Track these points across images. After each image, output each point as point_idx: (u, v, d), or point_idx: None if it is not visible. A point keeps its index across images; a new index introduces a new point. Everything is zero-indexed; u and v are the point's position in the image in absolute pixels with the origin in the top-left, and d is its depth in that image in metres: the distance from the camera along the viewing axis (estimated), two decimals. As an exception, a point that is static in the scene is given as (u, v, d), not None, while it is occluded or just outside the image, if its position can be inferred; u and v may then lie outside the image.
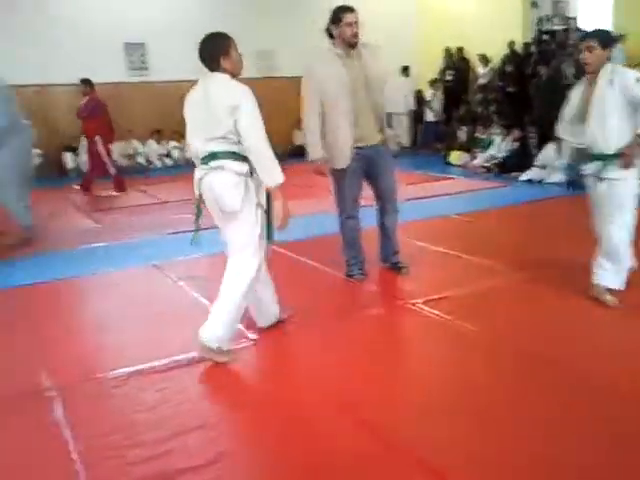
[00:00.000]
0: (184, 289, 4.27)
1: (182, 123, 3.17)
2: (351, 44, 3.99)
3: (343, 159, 4.06)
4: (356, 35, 3.94)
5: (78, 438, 2.46)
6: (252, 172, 3.04)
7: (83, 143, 9.62)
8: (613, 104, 3.36)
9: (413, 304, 3.81)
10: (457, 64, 12.19)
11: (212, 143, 3.01)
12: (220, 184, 3.00)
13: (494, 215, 6.47)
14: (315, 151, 4.07)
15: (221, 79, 3.06)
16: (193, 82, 3.21)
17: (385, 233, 4.39)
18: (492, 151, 9.54)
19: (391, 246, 4.42)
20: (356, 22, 3.95)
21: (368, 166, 4.14)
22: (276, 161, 3.04)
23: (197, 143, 3.07)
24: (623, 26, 9.34)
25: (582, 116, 3.53)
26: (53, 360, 3.21)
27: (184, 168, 11.07)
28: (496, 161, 9.20)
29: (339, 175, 4.15)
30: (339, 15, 3.95)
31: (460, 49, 12.08)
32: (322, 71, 4.01)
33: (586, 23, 11.30)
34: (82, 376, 3.03)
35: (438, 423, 2.49)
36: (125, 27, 10.84)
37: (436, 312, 3.65)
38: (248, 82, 3.07)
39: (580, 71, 9.29)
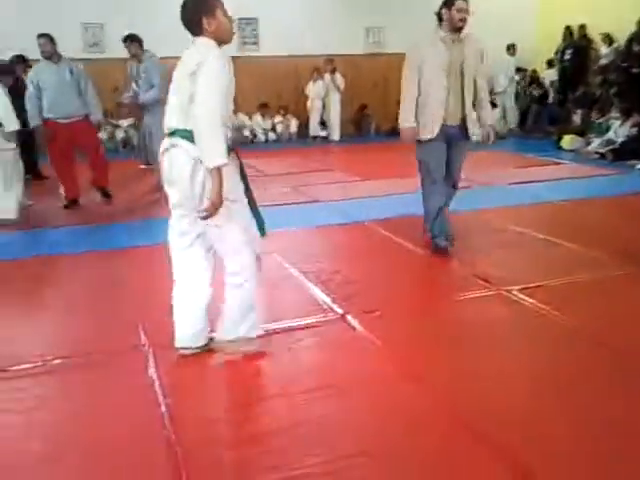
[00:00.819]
0: (277, 260, 4.35)
1: (287, 99, 3.13)
2: (457, 28, 4.20)
3: (429, 131, 4.29)
4: (464, 20, 4.17)
5: (168, 394, 2.60)
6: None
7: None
8: None
9: (508, 291, 3.68)
10: (578, 43, 11.50)
11: (173, 116, 2.68)
12: (177, 170, 2.68)
13: (604, 204, 6.09)
14: (406, 120, 4.32)
15: (199, 43, 2.65)
16: (301, 57, 2.97)
17: (441, 209, 4.46)
18: (609, 136, 8.96)
19: (443, 224, 4.49)
20: (466, 9, 4.16)
21: (448, 142, 4.35)
22: (221, 140, 2.52)
23: (166, 114, 2.76)
24: None
25: None
26: (149, 319, 3.37)
27: (287, 143, 11.32)
28: (612, 147, 8.63)
29: (425, 146, 4.35)
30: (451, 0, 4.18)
31: (582, 26, 11.37)
32: (425, 50, 4.28)
33: None
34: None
35: (537, 421, 2.41)
36: (239, 2, 11.08)
37: (532, 301, 3.51)
38: (356, 58, 3.00)
39: None
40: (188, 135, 2.59)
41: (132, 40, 6.62)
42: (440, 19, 4.26)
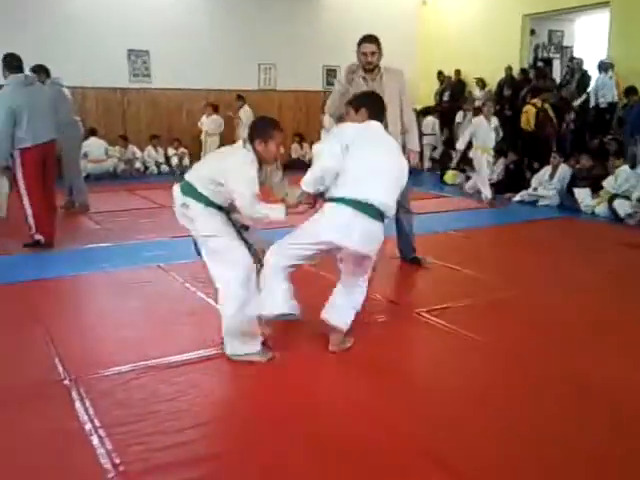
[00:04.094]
0: (191, 290, 4.34)
1: (180, 131, 3.30)
2: (365, 69, 4.57)
3: None
4: (370, 62, 4.53)
5: (99, 425, 2.52)
6: None
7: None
8: None
9: (418, 313, 3.93)
10: (453, 86, 12.44)
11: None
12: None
13: (489, 233, 6.67)
14: None
15: (238, 148, 3.26)
16: (192, 91, 3.17)
17: (401, 231, 4.97)
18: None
19: (408, 243, 4.97)
20: (371, 52, 4.51)
21: None
22: (262, 209, 3.13)
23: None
24: (617, 55, 9.65)
25: None
26: (68, 353, 3.24)
27: (180, 176, 11.17)
28: (490, 182, 9.37)
29: None
30: (359, 41, 4.56)
31: (457, 71, 12.34)
32: (346, 86, 4.61)
33: (583, 52, 11.64)
34: (97, 368, 3.07)
35: (452, 431, 2.60)
36: (128, 33, 10.96)
37: (440, 321, 3.76)
38: (250, 94, 3.19)
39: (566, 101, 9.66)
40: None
41: None
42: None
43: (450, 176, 10.30)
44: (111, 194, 8.93)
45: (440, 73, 12.57)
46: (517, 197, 8.46)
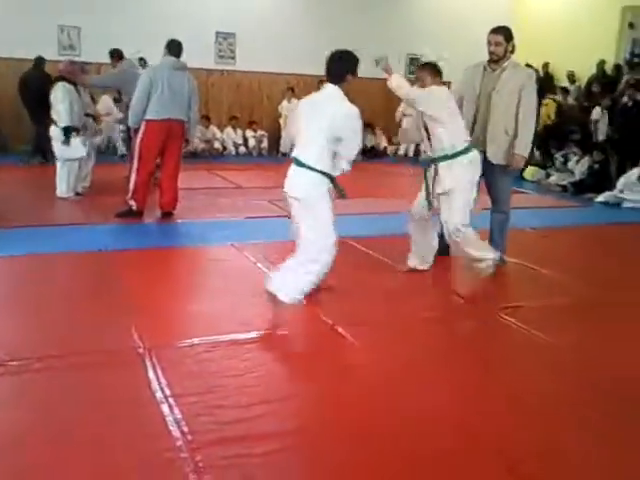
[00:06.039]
0: (262, 270, 4.40)
1: (259, 114, 3.37)
2: (490, 59, 4.47)
3: None
4: (492, 53, 4.43)
5: (170, 394, 2.61)
6: None
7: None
8: None
9: (489, 310, 3.84)
10: (540, 81, 11.99)
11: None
12: None
13: (568, 233, 6.41)
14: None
15: (333, 92, 3.53)
16: (274, 74, 3.26)
17: (491, 231, 4.85)
18: (568, 170, 9.39)
19: (494, 243, 4.74)
20: (495, 42, 4.40)
21: (483, 170, 4.40)
22: None
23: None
24: None
25: None
26: (143, 322, 3.37)
27: (258, 158, 11.40)
28: (573, 180, 9.04)
29: None
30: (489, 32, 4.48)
31: (546, 64, 11.90)
32: (466, 75, 4.65)
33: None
34: (170, 339, 3.19)
35: (516, 423, 2.54)
36: (217, 15, 11.17)
37: (512, 320, 3.67)
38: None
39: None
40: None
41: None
42: None
43: (530, 172, 9.98)
44: (190, 172, 9.10)
45: (528, 66, 12.11)
46: (600, 198, 8.10)
